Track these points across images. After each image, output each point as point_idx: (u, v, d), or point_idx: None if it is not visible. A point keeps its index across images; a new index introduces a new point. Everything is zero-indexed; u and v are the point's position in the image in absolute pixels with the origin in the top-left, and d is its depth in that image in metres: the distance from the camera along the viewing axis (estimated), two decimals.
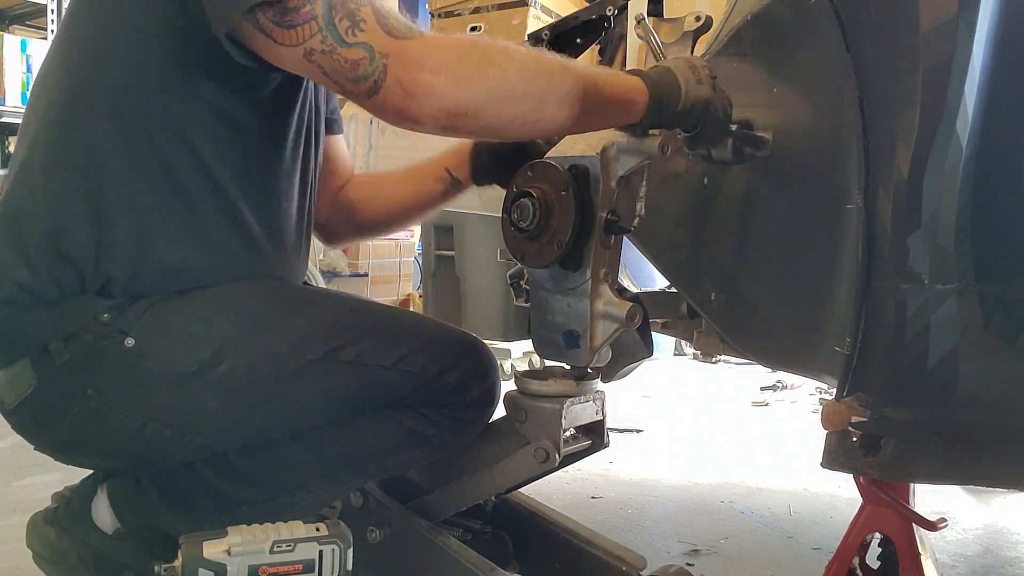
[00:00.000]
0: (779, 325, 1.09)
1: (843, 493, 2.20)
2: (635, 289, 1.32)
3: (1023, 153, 0.89)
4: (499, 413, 1.23)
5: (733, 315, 1.13)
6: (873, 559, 1.28)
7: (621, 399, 3.20)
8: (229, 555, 0.95)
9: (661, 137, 1.03)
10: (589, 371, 1.19)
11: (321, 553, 0.99)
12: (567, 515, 1.38)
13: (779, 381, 3.65)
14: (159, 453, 1.13)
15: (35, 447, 1.17)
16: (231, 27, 0.95)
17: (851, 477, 1.17)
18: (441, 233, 3.59)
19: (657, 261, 1.22)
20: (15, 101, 4.12)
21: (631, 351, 1.19)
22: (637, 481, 2.33)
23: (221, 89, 1.06)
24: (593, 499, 2.16)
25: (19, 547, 1.24)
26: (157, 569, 0.96)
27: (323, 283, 4.53)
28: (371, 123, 2.47)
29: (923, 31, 0.87)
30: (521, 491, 1.38)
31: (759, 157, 1.06)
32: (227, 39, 0.97)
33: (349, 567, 1.01)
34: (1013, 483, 1.14)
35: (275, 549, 0.97)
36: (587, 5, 1.67)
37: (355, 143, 2.44)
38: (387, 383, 1.14)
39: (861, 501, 1.24)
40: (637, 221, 1.06)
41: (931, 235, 0.88)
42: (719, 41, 1.10)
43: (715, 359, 4.07)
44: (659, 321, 1.42)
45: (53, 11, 4.24)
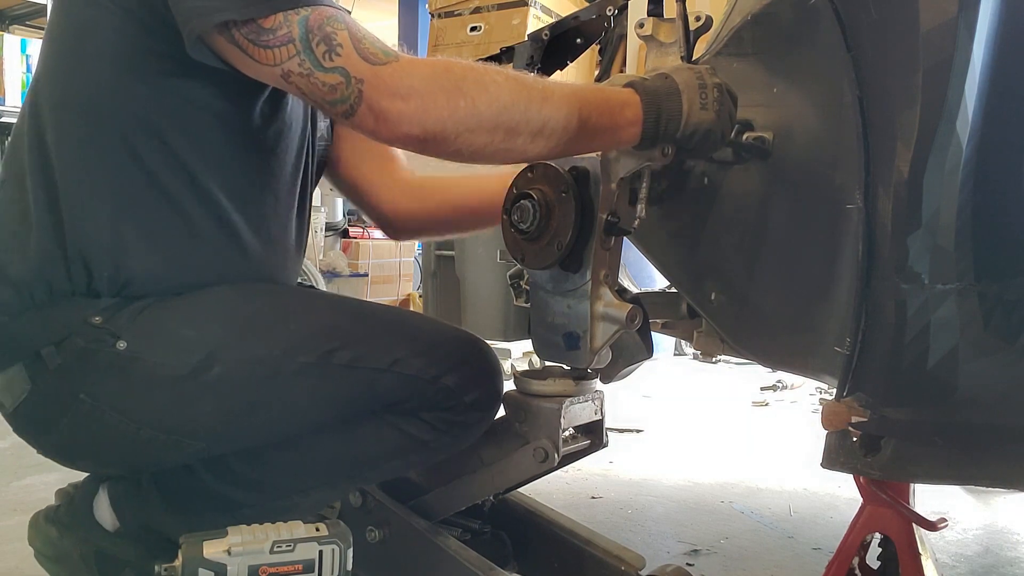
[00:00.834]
0: (779, 325, 1.09)
1: (843, 493, 2.20)
2: (635, 289, 1.32)
3: (1023, 153, 0.89)
4: (499, 413, 1.23)
5: (733, 315, 1.13)
6: (873, 559, 1.28)
7: (621, 399, 3.20)
8: (229, 555, 0.95)
9: None
10: (589, 371, 1.19)
11: (321, 553, 0.99)
12: (567, 515, 1.38)
13: (779, 381, 3.65)
14: (155, 457, 1.12)
15: (37, 451, 1.17)
16: (201, 35, 0.96)
17: (851, 477, 1.17)
18: None
19: (657, 261, 1.22)
20: (15, 101, 4.12)
21: (631, 352, 1.20)
22: (637, 481, 2.33)
23: (204, 88, 1.05)
24: (593, 499, 2.16)
25: (20, 547, 1.25)
26: (157, 569, 0.96)
27: (323, 283, 4.53)
28: None
29: (923, 31, 0.87)
30: (520, 491, 1.38)
31: (759, 157, 1.06)
32: (198, 45, 0.97)
33: (349, 567, 1.01)
34: (1013, 483, 1.14)
35: (275, 549, 0.97)
36: (587, 5, 1.67)
37: None
38: (383, 386, 1.12)
39: (861, 501, 1.24)
40: (637, 223, 1.06)
41: (931, 235, 0.88)
42: (719, 41, 1.10)
43: (715, 359, 4.07)
44: (659, 321, 1.42)
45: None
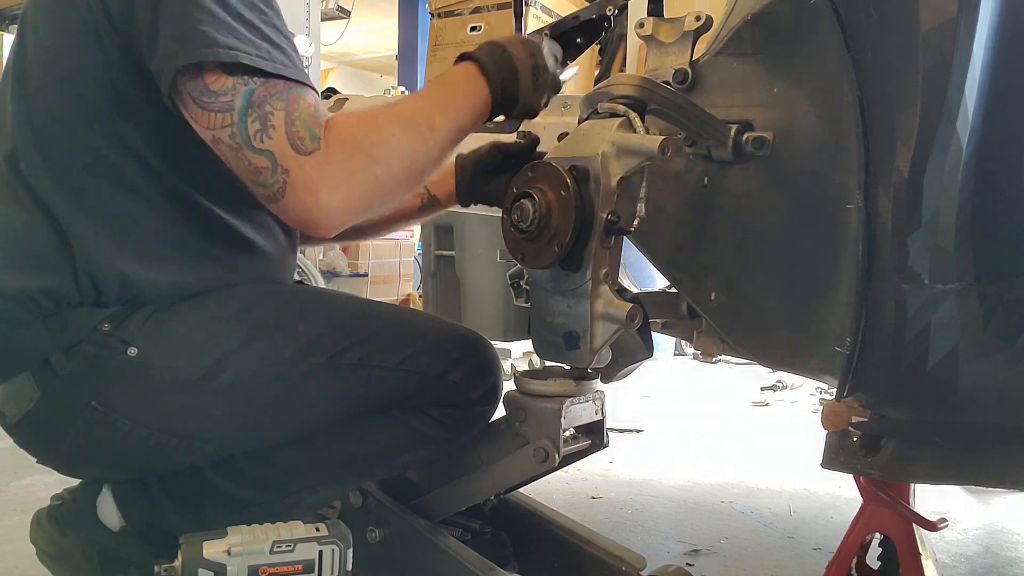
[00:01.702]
0: (779, 325, 1.09)
1: (843, 493, 2.20)
2: (635, 289, 1.32)
3: (1023, 153, 0.89)
4: (499, 413, 1.23)
5: (733, 315, 1.13)
6: (873, 559, 1.28)
7: (621, 399, 3.20)
8: (229, 555, 0.95)
9: (662, 138, 1.03)
10: (589, 371, 1.19)
11: (321, 553, 0.99)
12: (567, 515, 1.38)
13: (779, 381, 3.65)
14: (166, 461, 1.13)
15: (39, 461, 1.16)
16: (169, 88, 0.95)
17: (851, 477, 1.17)
18: (441, 233, 3.59)
19: (657, 261, 1.22)
20: None
21: (631, 352, 1.19)
22: (637, 481, 2.33)
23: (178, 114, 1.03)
24: (593, 499, 2.16)
25: (20, 547, 1.25)
26: (157, 569, 0.96)
27: (323, 283, 4.53)
28: None
29: (923, 31, 0.87)
30: (521, 491, 1.38)
31: (759, 157, 1.06)
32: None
33: (349, 567, 1.01)
34: (1013, 483, 1.14)
35: (275, 549, 0.97)
36: (587, 5, 1.67)
37: None
38: (392, 384, 1.14)
39: (861, 501, 1.24)
40: (637, 222, 1.06)
41: (931, 235, 0.88)
42: (719, 41, 1.10)
43: (715, 359, 4.08)
44: (659, 321, 1.42)
45: None
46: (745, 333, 1.13)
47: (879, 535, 1.25)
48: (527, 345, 3.43)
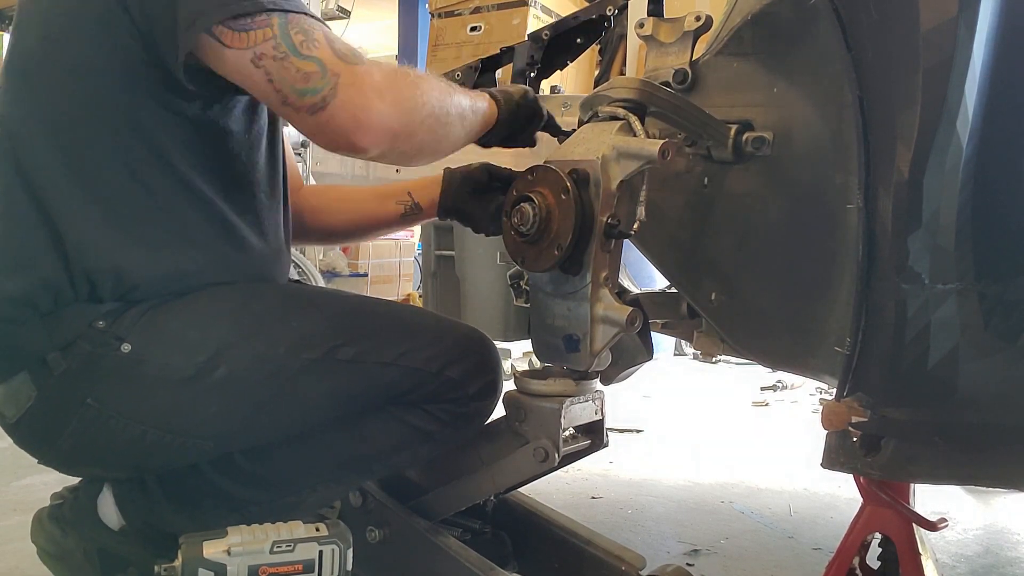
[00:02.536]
0: (779, 325, 1.09)
1: (843, 493, 2.20)
2: (635, 290, 1.32)
3: (1023, 153, 0.89)
4: (499, 412, 1.23)
5: (733, 315, 1.13)
6: (873, 559, 1.28)
7: (621, 399, 3.19)
8: (229, 555, 0.95)
9: (662, 142, 1.03)
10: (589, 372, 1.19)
11: (321, 553, 0.99)
12: (567, 515, 1.38)
13: (779, 381, 3.65)
14: (162, 459, 1.13)
15: (39, 461, 1.16)
16: (192, 43, 0.96)
17: (851, 477, 1.17)
18: (441, 233, 3.59)
19: (657, 261, 1.22)
20: None
21: (631, 354, 1.19)
22: (637, 481, 2.33)
23: (188, 100, 1.05)
24: (593, 499, 2.16)
25: (20, 546, 1.25)
26: (157, 569, 0.96)
27: (323, 283, 4.53)
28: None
29: (923, 31, 0.87)
30: (521, 491, 1.38)
31: (759, 157, 1.06)
32: (183, 65, 0.98)
33: (349, 567, 1.01)
34: (1013, 483, 1.14)
35: (275, 549, 0.97)
36: (587, 5, 1.67)
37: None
38: (388, 380, 1.14)
39: (861, 501, 1.24)
40: (638, 225, 1.06)
41: (931, 235, 0.88)
42: (719, 41, 1.10)
43: (715, 359, 4.07)
44: (659, 321, 1.42)
45: None
46: (745, 333, 1.14)
47: (879, 535, 1.25)
48: (527, 345, 3.43)
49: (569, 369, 1.18)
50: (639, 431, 2.88)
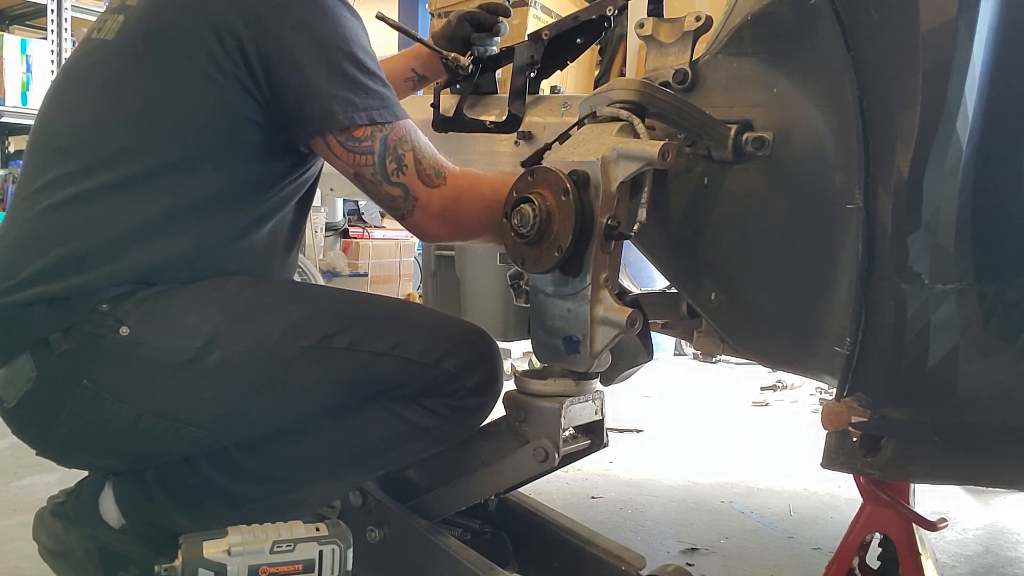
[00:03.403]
0: (779, 325, 1.09)
1: (843, 493, 2.20)
2: (635, 290, 1.32)
3: (1023, 153, 0.89)
4: (499, 412, 1.23)
5: (733, 315, 1.13)
6: (873, 559, 1.28)
7: (621, 399, 3.19)
8: (229, 555, 0.95)
9: (662, 143, 1.03)
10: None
11: (321, 553, 0.99)
12: (567, 515, 1.38)
13: (779, 381, 3.65)
14: (156, 447, 1.13)
15: (37, 452, 1.17)
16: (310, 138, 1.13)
17: (851, 477, 1.17)
18: None
19: (657, 261, 1.22)
20: (15, 101, 4.12)
21: (631, 355, 1.20)
22: (637, 481, 2.33)
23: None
24: (593, 499, 2.16)
25: (20, 546, 1.25)
26: (157, 569, 0.96)
27: (322, 283, 4.53)
28: None
29: (923, 31, 0.87)
30: (521, 491, 1.38)
31: (759, 157, 1.06)
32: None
33: (349, 567, 1.01)
34: (1013, 483, 1.14)
35: (275, 549, 0.97)
36: (587, 5, 1.67)
37: None
38: (382, 370, 1.14)
39: (861, 501, 1.24)
40: (638, 227, 1.06)
41: (931, 235, 0.88)
42: (719, 41, 1.10)
43: (715, 359, 4.07)
44: (659, 321, 1.42)
45: (53, 11, 4.23)
46: (745, 333, 1.14)
47: (879, 535, 1.25)
48: (527, 345, 3.43)
49: (569, 369, 1.18)
50: (639, 431, 2.88)
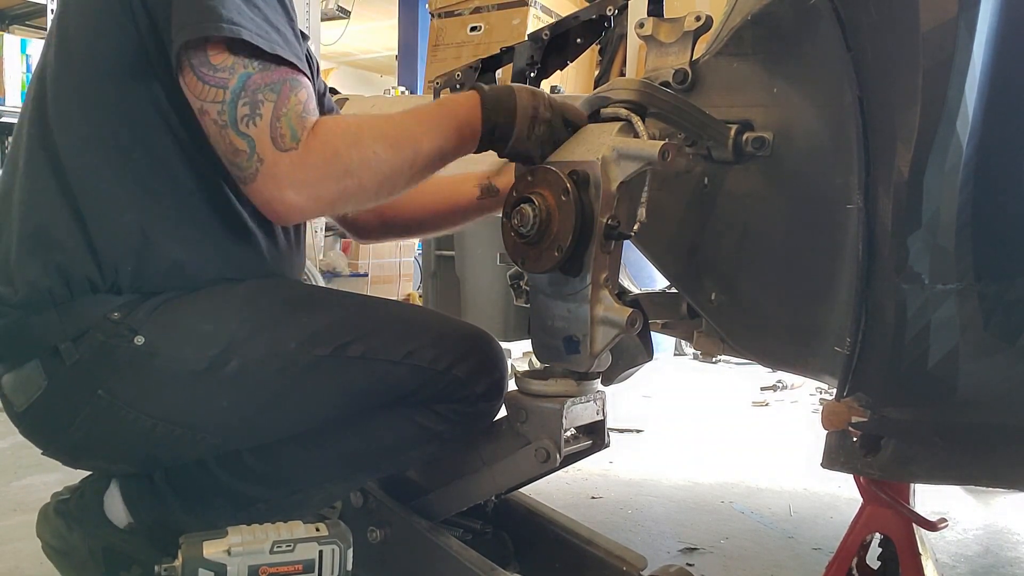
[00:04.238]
0: (779, 325, 1.09)
1: (843, 493, 2.20)
2: (635, 290, 1.32)
3: (1023, 153, 0.89)
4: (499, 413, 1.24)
5: (733, 315, 1.13)
6: (873, 559, 1.28)
7: (621, 399, 3.20)
8: (229, 555, 0.95)
9: (662, 143, 1.04)
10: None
11: (321, 553, 0.99)
12: (567, 515, 1.38)
13: (779, 381, 3.65)
14: (171, 453, 1.13)
15: (44, 452, 1.17)
16: (178, 53, 0.99)
17: (851, 477, 1.17)
18: None
19: (657, 261, 1.22)
20: (15, 101, 4.12)
21: (632, 355, 1.20)
22: (637, 481, 2.33)
23: None
24: (593, 499, 2.16)
25: (20, 547, 1.24)
26: (157, 569, 0.96)
27: (323, 283, 4.53)
28: None
29: (923, 31, 0.87)
30: (521, 491, 1.38)
31: (759, 157, 1.06)
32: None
33: (349, 567, 1.01)
34: (1013, 483, 1.14)
35: (275, 549, 0.97)
36: (587, 5, 1.67)
37: None
38: (396, 378, 1.14)
39: (861, 501, 1.24)
40: (638, 227, 1.06)
41: (931, 235, 0.88)
42: (719, 41, 1.10)
43: (715, 359, 4.08)
44: (659, 321, 1.42)
45: (53, 11, 4.24)
46: (745, 333, 1.14)
47: (879, 535, 1.25)
48: (528, 345, 3.43)
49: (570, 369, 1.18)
50: (639, 431, 2.88)
